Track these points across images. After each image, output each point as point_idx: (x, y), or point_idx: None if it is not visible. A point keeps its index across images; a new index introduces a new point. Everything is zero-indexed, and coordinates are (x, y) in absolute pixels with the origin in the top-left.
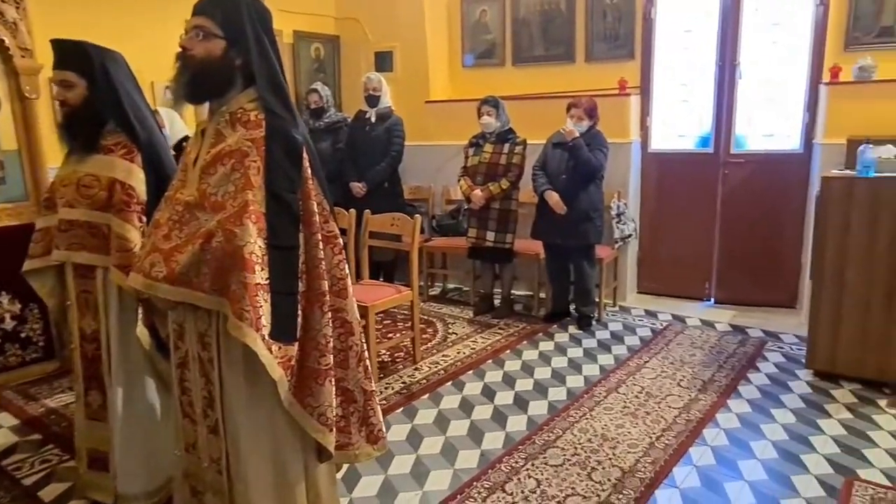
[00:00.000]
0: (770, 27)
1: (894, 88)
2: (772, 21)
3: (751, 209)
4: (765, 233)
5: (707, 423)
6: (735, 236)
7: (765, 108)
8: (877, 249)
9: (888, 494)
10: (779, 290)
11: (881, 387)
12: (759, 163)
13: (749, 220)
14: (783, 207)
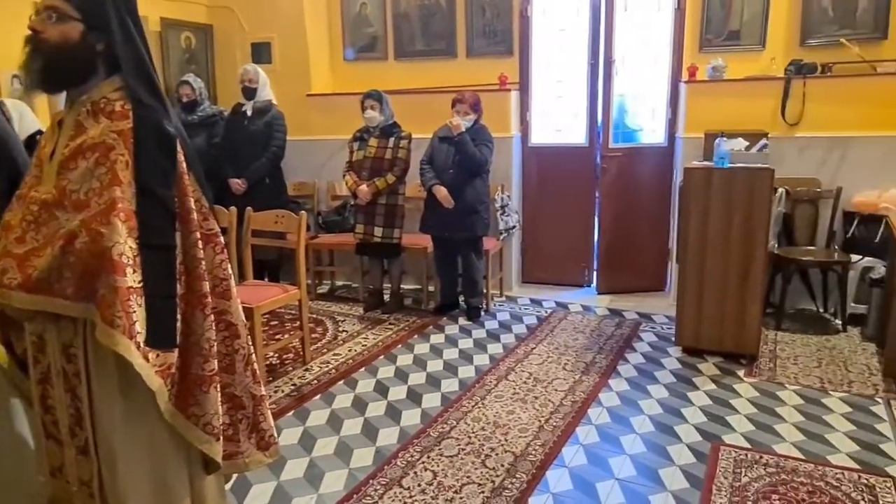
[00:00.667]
0: (639, 28)
1: (743, 87)
2: (640, 23)
3: (624, 200)
4: (637, 222)
5: (591, 403)
6: (611, 226)
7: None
8: (732, 235)
9: (748, 455)
10: (650, 275)
11: (739, 358)
12: (631, 156)
13: (623, 211)
14: (652, 198)
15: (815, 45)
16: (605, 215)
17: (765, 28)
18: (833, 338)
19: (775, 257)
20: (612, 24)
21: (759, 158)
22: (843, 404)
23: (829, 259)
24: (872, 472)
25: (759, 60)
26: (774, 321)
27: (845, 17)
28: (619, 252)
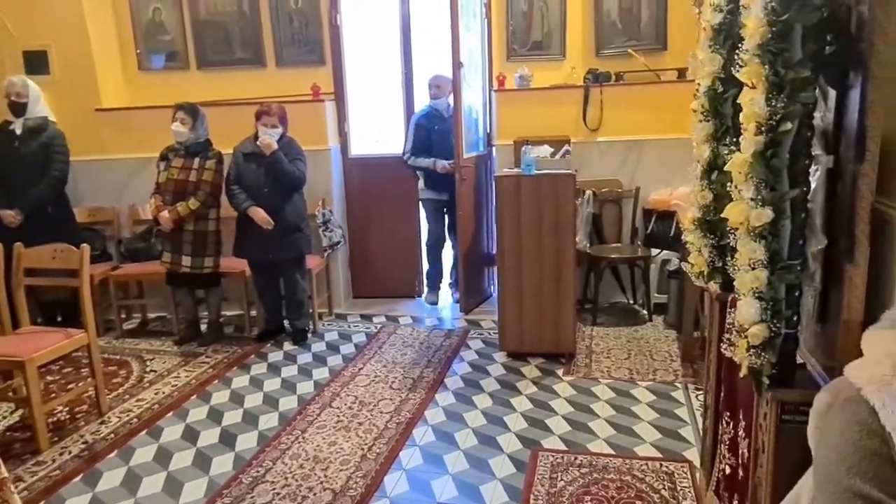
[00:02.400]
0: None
1: (547, 95)
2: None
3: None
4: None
5: (416, 422)
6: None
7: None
8: (543, 238)
9: (564, 458)
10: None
11: (559, 357)
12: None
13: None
14: (479, 205)
15: (609, 54)
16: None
17: (564, 39)
18: (641, 328)
19: (588, 256)
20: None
21: (563, 164)
22: (649, 393)
23: (633, 255)
24: (672, 460)
25: (561, 69)
26: (591, 316)
27: (632, 29)
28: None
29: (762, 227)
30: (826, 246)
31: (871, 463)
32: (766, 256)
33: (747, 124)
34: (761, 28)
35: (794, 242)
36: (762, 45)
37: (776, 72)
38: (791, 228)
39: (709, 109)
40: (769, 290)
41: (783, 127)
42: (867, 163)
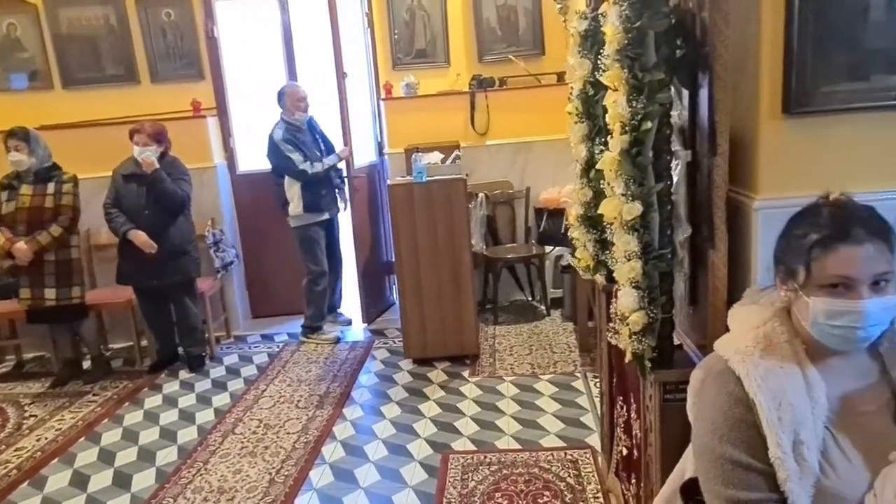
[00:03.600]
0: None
1: (435, 101)
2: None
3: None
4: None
5: (325, 439)
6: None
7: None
8: (439, 243)
9: (474, 458)
10: (383, 289)
11: (464, 359)
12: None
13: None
14: (375, 214)
15: (491, 60)
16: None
17: (447, 46)
18: (540, 323)
19: (484, 257)
20: (338, 36)
21: (453, 169)
22: (551, 385)
23: (528, 253)
24: (575, 447)
25: (446, 76)
26: (493, 316)
27: (511, 36)
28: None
29: (634, 221)
30: (691, 234)
31: (740, 430)
32: (640, 247)
33: (613, 125)
34: (618, 34)
35: (664, 233)
36: (620, 51)
37: (634, 75)
38: (659, 220)
39: (582, 111)
40: (645, 279)
41: (645, 126)
42: (719, 156)
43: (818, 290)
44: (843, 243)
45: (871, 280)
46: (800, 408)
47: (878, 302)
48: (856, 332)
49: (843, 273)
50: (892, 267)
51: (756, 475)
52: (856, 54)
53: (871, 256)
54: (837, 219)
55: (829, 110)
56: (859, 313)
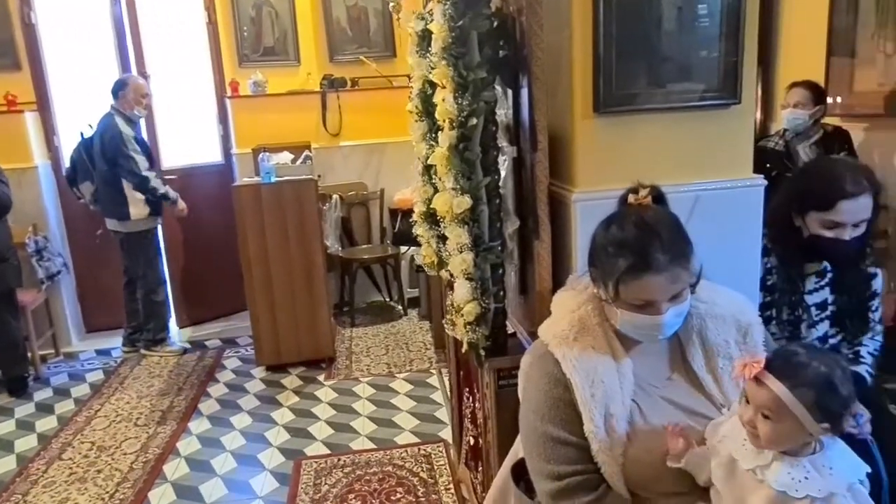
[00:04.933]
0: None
1: (285, 101)
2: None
3: (191, 223)
4: (211, 244)
5: (167, 456)
6: (181, 254)
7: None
8: (290, 245)
9: (328, 462)
10: (232, 296)
11: (320, 363)
12: (189, 177)
13: (192, 235)
14: (219, 218)
15: (343, 61)
16: (170, 243)
17: (297, 45)
18: (398, 323)
19: (340, 259)
20: (138, 35)
21: (304, 170)
22: (407, 383)
23: (384, 254)
24: (429, 442)
25: (297, 75)
26: (349, 318)
27: (362, 37)
28: (200, 278)
29: (464, 214)
30: (519, 226)
31: (559, 409)
32: (471, 240)
33: (442, 121)
34: (443, 33)
35: (493, 225)
36: (445, 49)
37: (460, 73)
38: (489, 213)
39: (422, 110)
40: (476, 271)
41: (471, 122)
42: (540, 151)
43: (624, 304)
44: (647, 273)
45: (669, 298)
46: (610, 384)
47: (674, 311)
48: (655, 336)
49: (646, 298)
50: (689, 278)
51: (573, 449)
52: (653, 61)
53: (671, 280)
54: (642, 244)
55: (632, 110)
56: (660, 325)
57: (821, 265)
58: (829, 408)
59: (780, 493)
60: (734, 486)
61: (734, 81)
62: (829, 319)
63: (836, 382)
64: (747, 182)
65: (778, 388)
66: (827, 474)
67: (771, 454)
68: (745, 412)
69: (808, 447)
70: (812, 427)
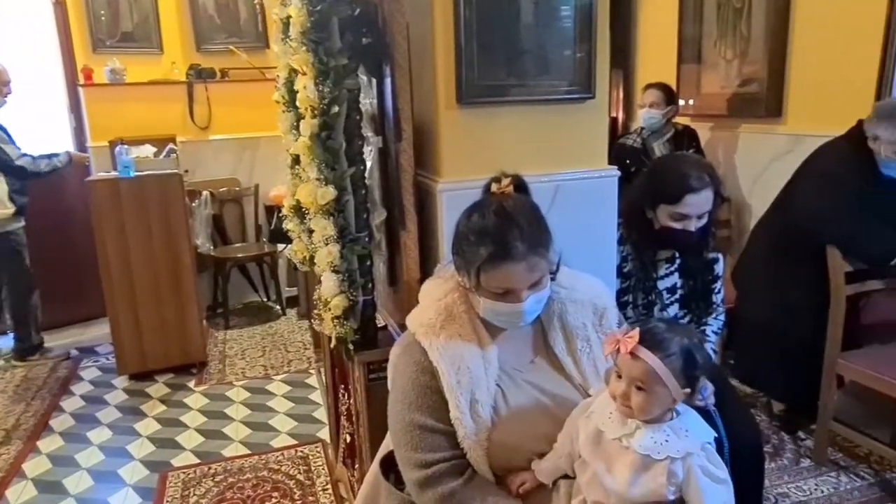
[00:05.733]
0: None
1: (147, 91)
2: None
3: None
4: (66, 245)
5: (11, 480)
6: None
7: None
8: (155, 245)
9: (197, 472)
10: (91, 302)
11: (190, 369)
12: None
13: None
14: (71, 216)
15: (211, 50)
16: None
17: (159, 31)
18: (275, 323)
19: (212, 258)
20: None
21: (168, 164)
22: (284, 385)
23: (260, 252)
24: (306, 443)
25: (160, 64)
26: (223, 321)
27: (231, 26)
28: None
29: (328, 205)
30: (386, 217)
31: (426, 396)
32: (336, 232)
33: (303, 109)
34: (301, 17)
35: (360, 216)
36: (304, 34)
37: (321, 59)
38: (355, 204)
39: (288, 100)
40: (343, 263)
41: (333, 110)
42: (405, 141)
43: (485, 293)
44: (506, 261)
45: (529, 285)
46: (476, 370)
47: (534, 297)
48: (517, 323)
49: (505, 286)
50: (548, 266)
51: (440, 436)
52: (512, 54)
53: (529, 269)
54: (501, 233)
55: (494, 102)
56: (520, 312)
57: (670, 252)
58: (692, 374)
59: (643, 456)
60: (601, 454)
61: (589, 77)
62: (678, 302)
63: (695, 350)
64: (602, 173)
65: (652, 360)
66: (684, 436)
67: (635, 423)
68: (619, 386)
69: (669, 414)
70: (678, 393)
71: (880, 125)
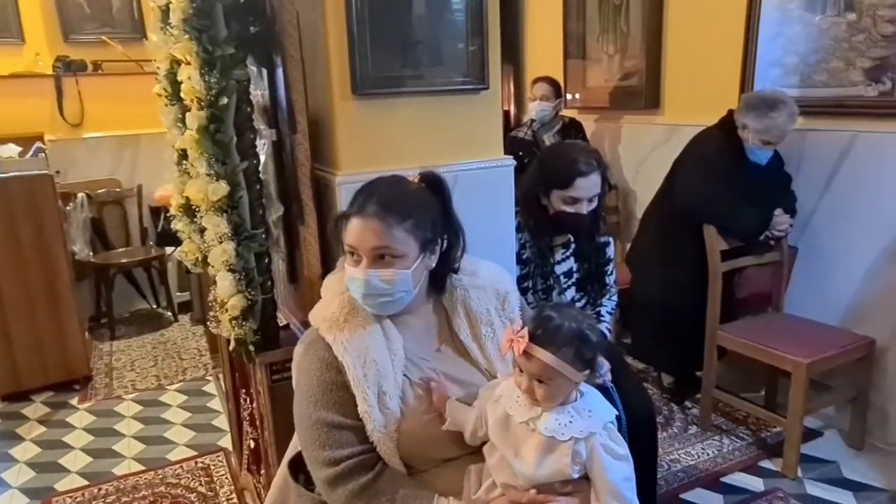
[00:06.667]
0: None
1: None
2: None
3: None
4: None
5: None
6: None
7: None
8: (25, 252)
9: (85, 495)
10: None
11: (73, 385)
12: None
13: None
14: None
15: (81, 41)
16: None
17: (18, 20)
18: (167, 331)
19: (93, 265)
20: None
21: (36, 164)
22: (180, 395)
23: (147, 256)
24: (207, 453)
25: (22, 55)
26: (109, 331)
27: (103, 16)
28: None
29: (221, 201)
30: (284, 212)
31: (332, 392)
32: (231, 229)
33: (189, 101)
34: (182, 4)
35: (255, 212)
36: (186, 21)
37: (205, 48)
38: (249, 199)
39: (171, 92)
40: (239, 261)
41: (221, 102)
42: (300, 133)
43: (345, 257)
44: (356, 216)
45: (373, 254)
46: (382, 363)
47: (376, 273)
48: (367, 299)
49: (350, 242)
50: (399, 245)
51: (348, 432)
52: (406, 45)
53: (373, 230)
54: (362, 194)
55: (390, 93)
56: (360, 281)
57: (566, 238)
58: (586, 356)
59: (548, 438)
60: (509, 438)
61: (482, 69)
62: (574, 286)
63: (586, 333)
64: (499, 163)
65: (545, 357)
66: (587, 417)
67: (541, 407)
68: (522, 381)
69: (572, 396)
70: (577, 378)
71: (748, 115)
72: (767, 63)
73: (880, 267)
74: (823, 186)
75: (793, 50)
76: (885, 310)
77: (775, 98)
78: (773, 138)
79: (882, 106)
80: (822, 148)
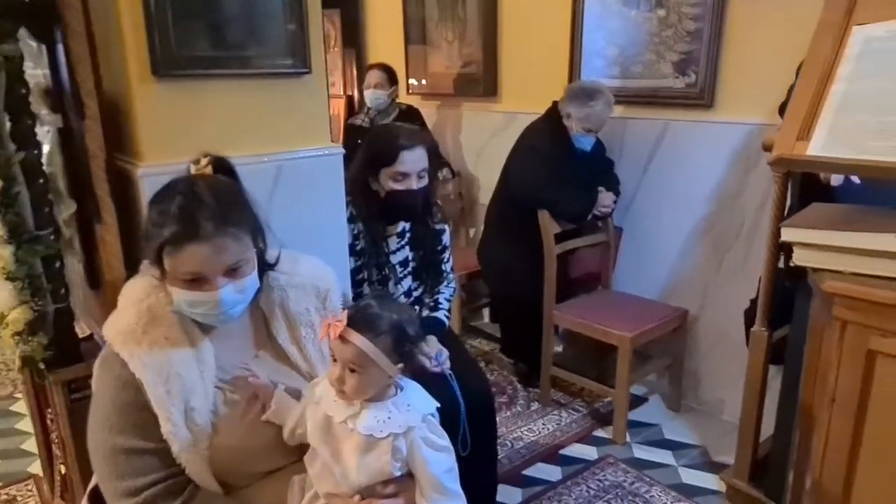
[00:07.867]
0: None
1: None
2: None
3: None
4: None
5: None
6: None
7: None
8: None
9: None
10: None
11: None
12: None
13: None
14: None
15: None
16: None
17: None
18: None
19: None
20: None
21: None
22: None
23: None
24: (14, 482)
25: None
26: None
27: None
28: None
29: None
30: (78, 209)
31: (130, 415)
32: (7, 230)
33: None
34: None
35: (40, 210)
36: None
37: None
38: (30, 196)
39: None
40: (22, 267)
41: None
42: (90, 119)
43: (176, 281)
44: (192, 242)
45: (223, 271)
46: (188, 376)
47: (233, 286)
48: (217, 316)
49: (193, 270)
50: (246, 250)
51: (150, 456)
52: (216, 21)
53: (221, 250)
54: (186, 211)
55: (198, 75)
56: (216, 302)
57: (400, 227)
58: (403, 349)
59: (367, 436)
60: (330, 440)
61: (304, 50)
62: (411, 275)
63: (405, 325)
64: (326, 151)
65: (361, 342)
66: (405, 411)
67: (359, 404)
68: (334, 371)
69: (390, 390)
70: (391, 370)
71: (571, 104)
72: (592, 54)
73: (690, 244)
74: (642, 171)
75: (613, 42)
76: (695, 283)
77: (594, 88)
78: (594, 126)
79: (688, 97)
80: (640, 135)
